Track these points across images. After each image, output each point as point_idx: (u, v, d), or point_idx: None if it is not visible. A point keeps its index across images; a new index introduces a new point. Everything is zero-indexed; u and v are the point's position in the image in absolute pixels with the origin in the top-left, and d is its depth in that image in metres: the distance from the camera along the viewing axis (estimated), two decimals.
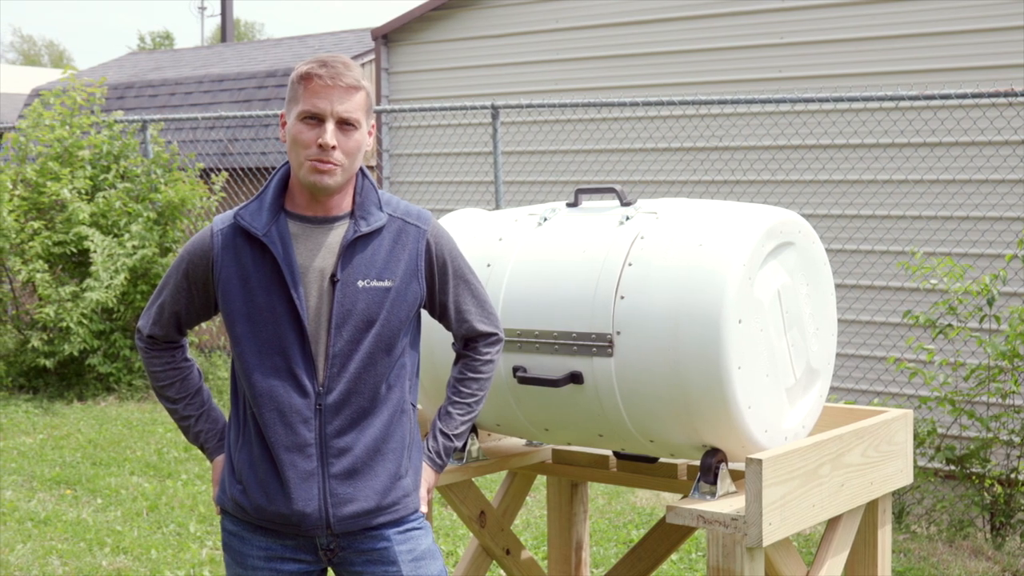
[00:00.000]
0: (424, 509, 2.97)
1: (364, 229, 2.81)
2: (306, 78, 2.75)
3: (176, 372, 2.99)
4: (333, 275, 2.79)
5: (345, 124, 2.76)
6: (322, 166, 2.74)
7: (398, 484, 2.87)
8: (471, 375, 3.04)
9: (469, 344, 3.04)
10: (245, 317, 2.80)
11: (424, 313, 3.02)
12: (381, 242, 2.84)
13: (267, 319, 2.79)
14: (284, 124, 2.83)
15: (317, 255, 2.80)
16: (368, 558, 2.86)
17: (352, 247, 2.81)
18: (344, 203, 2.85)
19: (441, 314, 3.00)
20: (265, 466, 2.81)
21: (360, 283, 2.80)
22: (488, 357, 3.04)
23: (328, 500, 2.79)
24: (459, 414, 3.02)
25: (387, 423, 2.85)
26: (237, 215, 2.84)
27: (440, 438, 3.00)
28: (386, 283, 2.82)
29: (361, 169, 2.89)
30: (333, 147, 2.73)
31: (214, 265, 2.84)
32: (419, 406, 3.75)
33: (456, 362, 3.07)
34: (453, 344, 3.09)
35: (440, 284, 2.95)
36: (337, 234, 2.82)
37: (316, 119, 2.74)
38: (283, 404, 2.78)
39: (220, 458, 2.98)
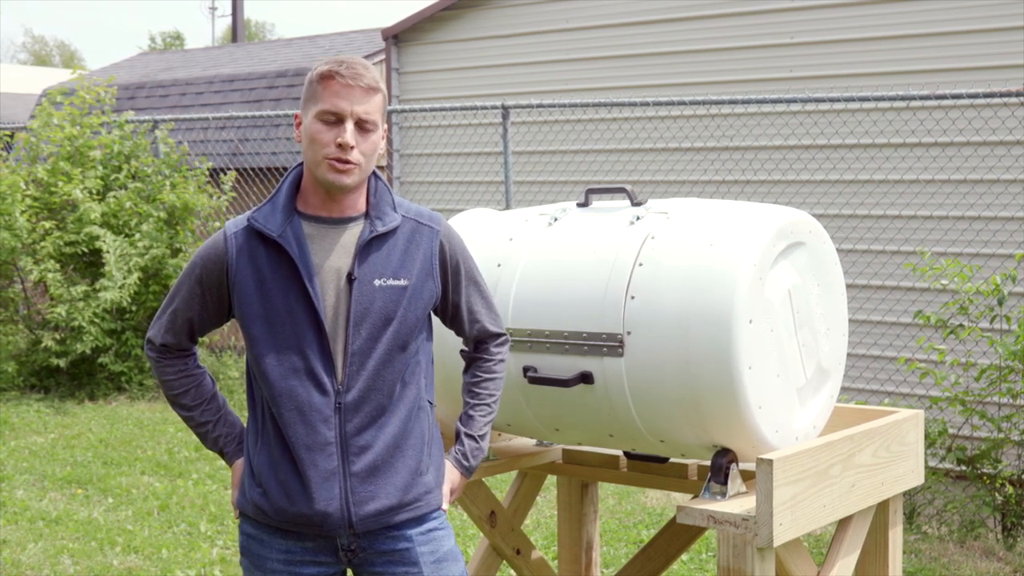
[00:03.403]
0: (445, 506, 2.96)
1: (380, 229, 2.83)
2: (327, 77, 2.76)
3: (190, 379, 2.99)
4: (350, 274, 2.80)
5: (363, 125, 2.78)
6: (340, 165, 2.76)
7: (419, 480, 2.88)
8: (487, 376, 3.05)
9: (480, 346, 3.06)
10: (262, 319, 2.81)
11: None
12: (396, 242, 2.86)
13: (285, 320, 2.79)
14: (299, 124, 2.84)
15: (333, 255, 2.82)
16: (389, 559, 2.86)
17: (368, 246, 2.82)
18: (358, 203, 2.87)
19: (453, 315, 3.02)
20: (285, 467, 2.81)
21: (376, 282, 2.81)
22: (500, 356, 3.07)
23: (350, 499, 2.80)
24: (480, 416, 3.04)
25: (405, 420, 2.86)
26: (251, 218, 2.85)
27: (466, 441, 3.01)
28: (402, 282, 2.84)
29: (374, 171, 2.91)
30: (352, 147, 2.75)
31: (229, 269, 2.84)
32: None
33: (468, 366, 3.08)
34: (462, 351, 3.10)
35: (453, 285, 2.97)
36: (352, 234, 2.84)
37: (335, 118, 2.76)
38: (303, 403, 2.78)
39: (239, 461, 2.98)
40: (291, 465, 2.80)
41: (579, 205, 3.61)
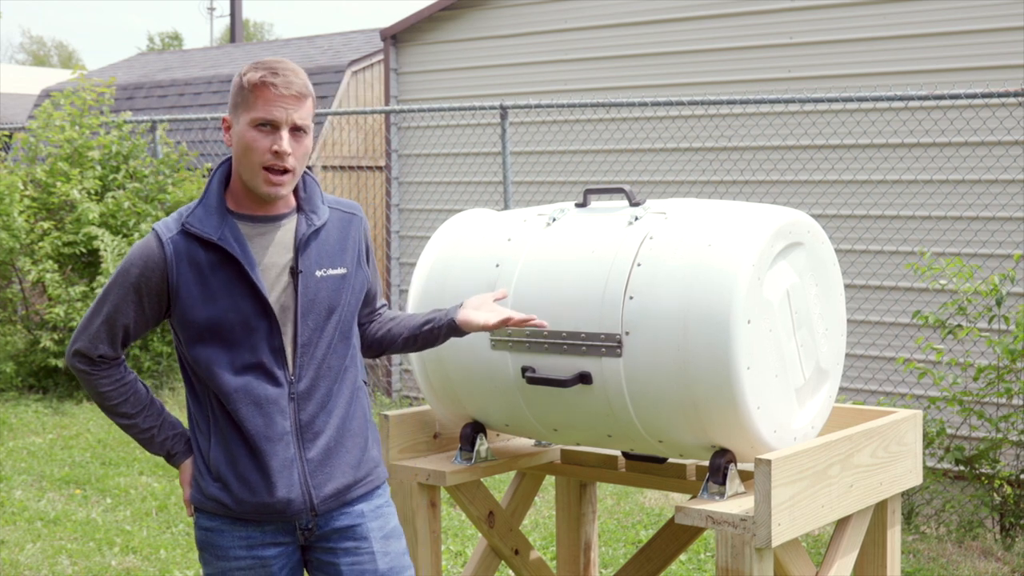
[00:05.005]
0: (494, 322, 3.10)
1: (317, 223, 2.94)
2: (260, 86, 2.80)
3: (127, 387, 2.98)
4: (294, 268, 2.89)
5: (297, 131, 2.84)
6: (276, 177, 2.82)
7: (367, 456, 3.02)
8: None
9: (380, 308, 3.25)
10: (209, 321, 2.85)
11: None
12: (329, 233, 2.97)
13: (232, 319, 2.85)
14: (228, 128, 2.88)
15: (272, 251, 2.89)
16: (342, 535, 2.98)
17: (307, 240, 2.92)
18: (288, 200, 2.96)
19: (368, 299, 3.16)
20: (243, 460, 2.88)
21: (318, 273, 2.92)
22: None
23: (309, 483, 2.90)
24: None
25: (349, 402, 2.99)
26: (185, 222, 2.87)
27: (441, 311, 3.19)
28: (340, 271, 2.97)
29: None
30: (288, 154, 2.81)
31: (169, 275, 2.85)
32: (428, 406, 3.77)
33: (383, 319, 3.23)
34: (375, 322, 3.21)
35: (372, 270, 3.13)
36: (287, 229, 2.92)
37: (270, 126, 2.81)
38: (259, 397, 2.86)
39: (189, 460, 3.01)
40: (248, 458, 2.87)
41: (577, 205, 3.60)
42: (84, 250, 10.46)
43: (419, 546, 3.64)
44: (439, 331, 3.14)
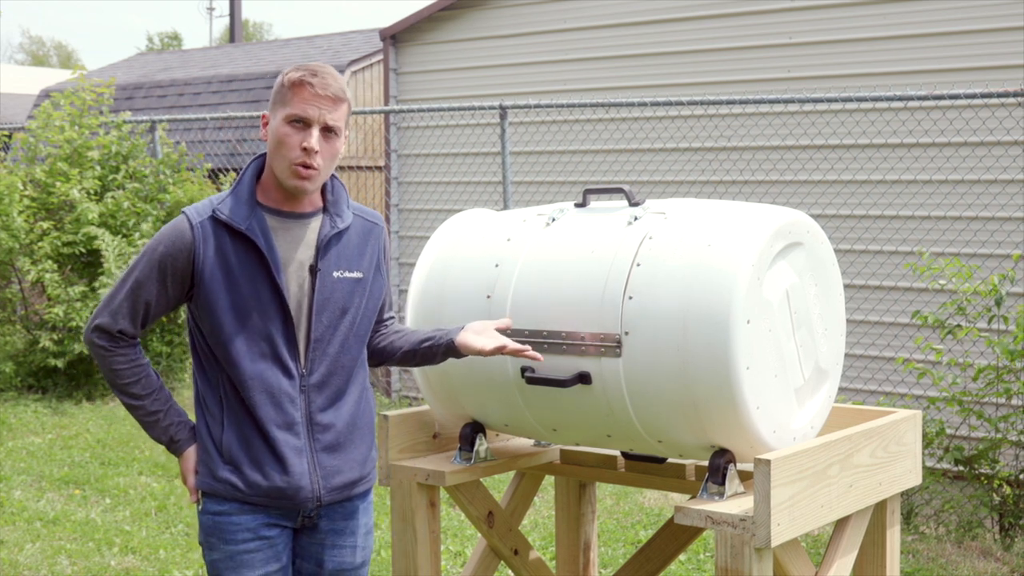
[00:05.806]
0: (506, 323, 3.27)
1: (340, 226, 3.05)
2: (298, 85, 2.92)
3: (140, 368, 3.05)
4: (313, 266, 2.99)
5: (328, 132, 2.94)
6: (304, 171, 2.92)
7: (371, 455, 3.15)
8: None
9: (388, 320, 3.32)
10: (230, 307, 2.94)
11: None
12: (350, 237, 3.08)
13: (252, 308, 2.94)
14: (266, 123, 3.00)
15: (295, 247, 3.00)
16: (334, 528, 3.11)
17: (328, 241, 3.02)
18: (316, 200, 3.06)
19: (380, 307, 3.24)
20: (257, 444, 2.97)
21: (335, 274, 3.03)
22: None
23: (318, 472, 3.01)
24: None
25: (358, 400, 3.10)
26: (216, 209, 2.97)
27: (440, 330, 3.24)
28: (356, 274, 3.07)
29: None
30: (316, 151, 2.91)
31: (196, 259, 2.95)
32: (428, 406, 3.78)
33: (389, 331, 3.29)
34: (380, 332, 3.28)
35: (386, 278, 3.22)
36: (312, 228, 3.03)
37: (303, 123, 2.91)
38: (272, 386, 2.96)
39: (192, 448, 3.07)
40: (262, 442, 2.97)
41: (577, 205, 3.60)
42: (84, 250, 10.44)
43: (419, 546, 3.63)
44: (437, 350, 3.21)
